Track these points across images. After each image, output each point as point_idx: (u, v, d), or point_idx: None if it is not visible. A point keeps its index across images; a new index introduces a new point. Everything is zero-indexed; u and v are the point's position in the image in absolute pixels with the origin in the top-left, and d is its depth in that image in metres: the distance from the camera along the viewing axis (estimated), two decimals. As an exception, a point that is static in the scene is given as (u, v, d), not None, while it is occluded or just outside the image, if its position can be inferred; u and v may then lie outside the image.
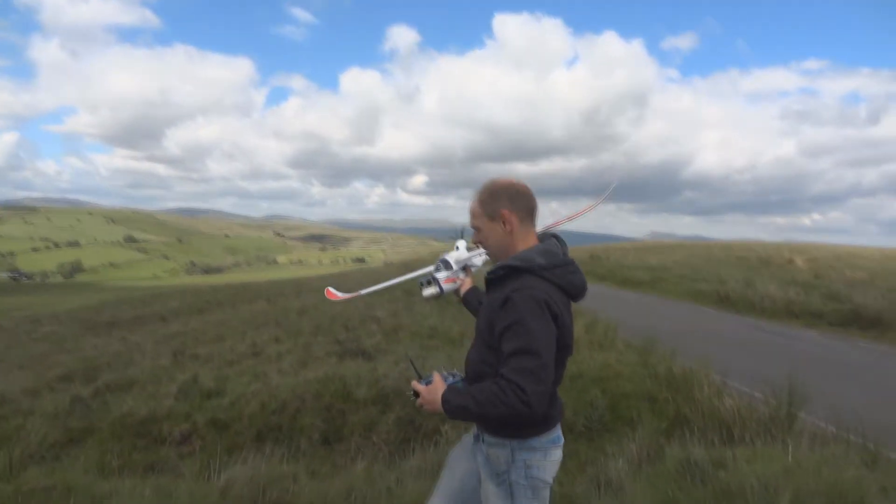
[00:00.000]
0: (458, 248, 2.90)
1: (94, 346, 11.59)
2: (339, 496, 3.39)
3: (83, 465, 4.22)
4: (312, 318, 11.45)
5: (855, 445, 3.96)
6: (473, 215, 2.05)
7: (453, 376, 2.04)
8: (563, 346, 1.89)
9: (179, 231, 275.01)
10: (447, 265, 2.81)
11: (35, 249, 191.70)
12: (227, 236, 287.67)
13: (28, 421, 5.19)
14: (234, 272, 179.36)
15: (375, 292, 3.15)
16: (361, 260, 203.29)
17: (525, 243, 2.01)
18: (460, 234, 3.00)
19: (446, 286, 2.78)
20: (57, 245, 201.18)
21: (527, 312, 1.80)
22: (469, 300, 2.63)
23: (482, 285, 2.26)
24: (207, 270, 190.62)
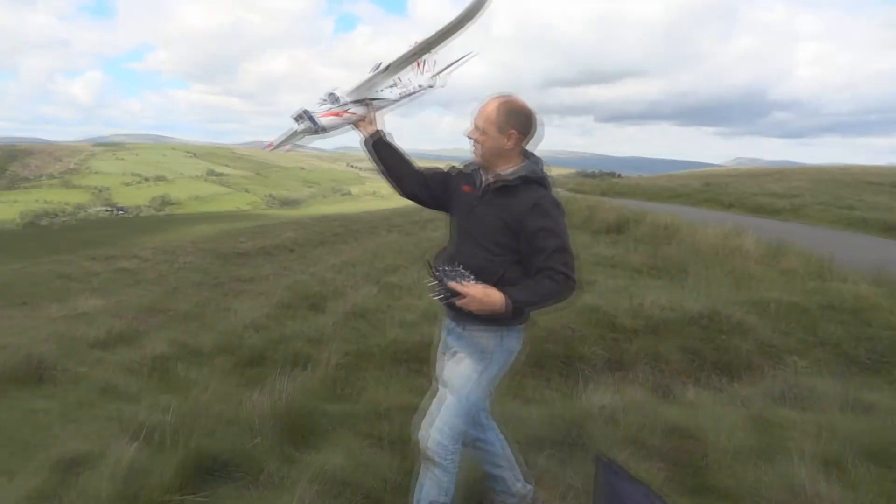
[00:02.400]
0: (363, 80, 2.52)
1: (270, 276, 12.16)
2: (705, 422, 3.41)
3: (399, 387, 4.45)
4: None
5: None
6: (486, 119, 2.24)
7: (467, 274, 2.17)
8: None
9: (257, 164, 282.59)
10: (333, 99, 2.54)
11: (127, 184, 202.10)
12: (302, 169, 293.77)
13: (304, 345, 5.49)
14: (311, 204, 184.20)
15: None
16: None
17: (513, 160, 2.29)
18: (376, 67, 2.53)
19: (323, 120, 2.51)
20: (146, 179, 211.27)
21: (558, 216, 2.19)
22: (380, 146, 2.53)
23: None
24: (287, 202, 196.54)
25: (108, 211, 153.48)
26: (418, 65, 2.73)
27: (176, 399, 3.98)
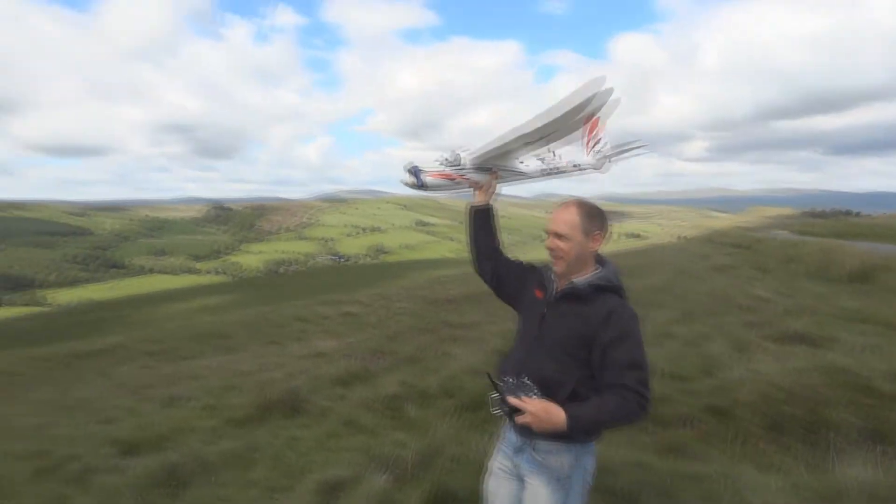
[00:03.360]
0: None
1: (481, 323, 12.69)
2: None
3: (625, 443, 4.39)
4: (680, 296, 10.96)
5: None
6: (568, 224, 2.14)
7: (531, 387, 2.03)
8: None
9: (460, 213, 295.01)
10: (454, 161, 2.51)
11: (348, 235, 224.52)
12: (502, 216, 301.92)
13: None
14: (512, 251, 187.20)
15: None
16: (636, 235, 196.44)
17: (592, 263, 2.21)
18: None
19: (429, 180, 2.55)
20: (364, 230, 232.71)
21: (634, 327, 2.05)
22: (479, 218, 2.52)
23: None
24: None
25: (332, 259, 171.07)
26: (587, 143, 2.72)
27: (411, 436, 4.35)
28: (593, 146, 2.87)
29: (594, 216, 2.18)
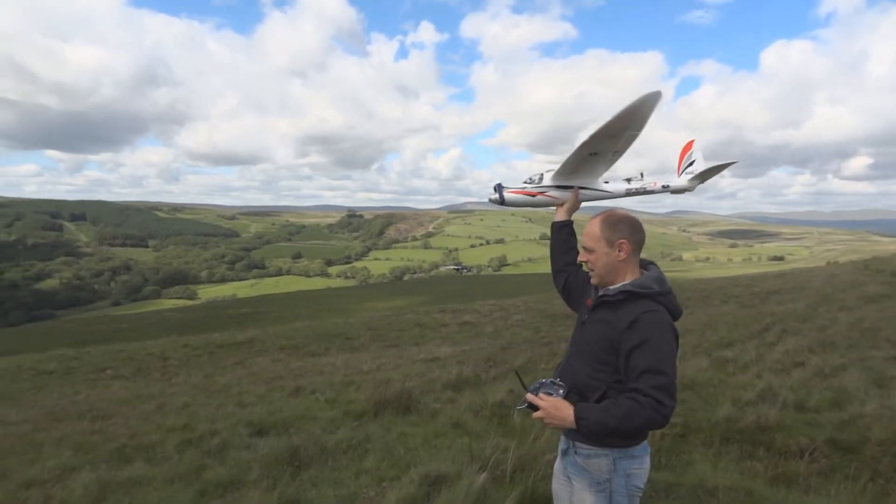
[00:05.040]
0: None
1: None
2: None
3: (729, 467, 4.26)
4: (819, 325, 10.18)
5: None
6: (591, 237, 2.23)
7: (560, 387, 2.10)
8: None
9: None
10: (537, 179, 2.72)
11: (472, 246, 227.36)
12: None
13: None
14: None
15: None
16: (780, 258, 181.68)
17: (630, 271, 2.23)
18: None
19: (509, 196, 2.80)
20: (488, 242, 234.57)
21: (657, 333, 2.03)
22: (559, 234, 2.63)
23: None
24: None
25: (455, 269, 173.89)
26: (680, 164, 2.83)
27: (513, 441, 4.48)
28: (686, 167, 2.94)
29: (616, 226, 2.23)
